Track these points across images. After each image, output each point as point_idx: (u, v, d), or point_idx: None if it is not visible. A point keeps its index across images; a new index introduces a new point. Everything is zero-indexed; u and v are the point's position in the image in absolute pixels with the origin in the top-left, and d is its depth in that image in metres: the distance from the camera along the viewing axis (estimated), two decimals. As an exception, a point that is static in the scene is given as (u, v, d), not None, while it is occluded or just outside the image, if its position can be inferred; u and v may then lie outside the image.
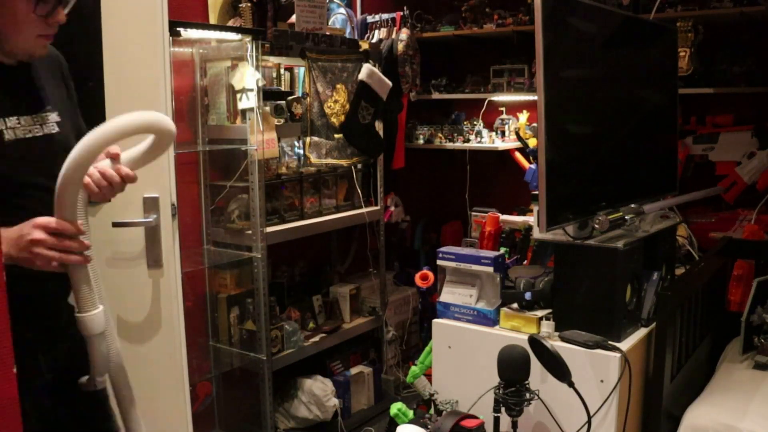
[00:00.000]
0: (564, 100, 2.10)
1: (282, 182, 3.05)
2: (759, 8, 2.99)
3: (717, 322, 2.81)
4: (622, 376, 1.99)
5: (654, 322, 2.20)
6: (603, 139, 2.38)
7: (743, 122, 3.36)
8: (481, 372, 2.17)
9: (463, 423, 2.04)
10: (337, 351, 3.37)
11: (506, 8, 3.78)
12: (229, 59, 2.84)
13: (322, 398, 3.11)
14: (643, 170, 2.65)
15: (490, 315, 2.26)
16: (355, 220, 3.41)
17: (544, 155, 1.99)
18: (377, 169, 3.51)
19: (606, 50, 2.39)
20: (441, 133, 4.00)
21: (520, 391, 1.94)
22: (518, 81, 3.80)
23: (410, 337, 3.90)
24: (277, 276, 3.26)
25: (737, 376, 2.46)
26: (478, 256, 2.27)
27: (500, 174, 4.15)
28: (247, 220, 2.87)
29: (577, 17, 2.19)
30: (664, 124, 2.84)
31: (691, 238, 3.01)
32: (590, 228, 2.18)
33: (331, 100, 3.17)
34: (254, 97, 2.71)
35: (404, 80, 3.71)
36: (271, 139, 2.82)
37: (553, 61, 2.01)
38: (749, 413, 2.14)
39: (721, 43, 3.34)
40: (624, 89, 2.51)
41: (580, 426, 1.98)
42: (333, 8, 3.54)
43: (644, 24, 2.76)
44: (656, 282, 2.28)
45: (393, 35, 3.71)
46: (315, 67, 3.07)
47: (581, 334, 2.06)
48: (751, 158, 3.29)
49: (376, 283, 3.61)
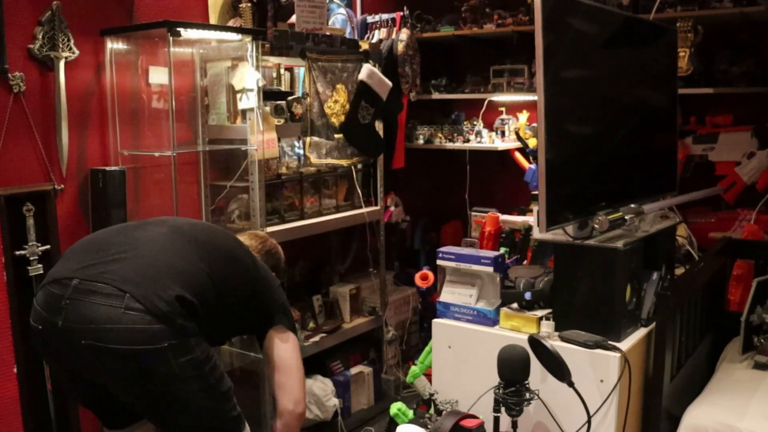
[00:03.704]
0: (564, 100, 2.10)
1: (282, 182, 3.05)
2: (759, 8, 2.99)
3: (717, 322, 2.82)
4: (622, 376, 1.99)
5: (654, 322, 2.20)
6: (603, 139, 2.38)
7: (743, 122, 3.36)
8: (481, 372, 2.17)
9: (463, 423, 2.04)
10: (337, 351, 3.37)
11: (506, 8, 3.78)
12: (230, 59, 2.84)
13: (322, 398, 3.11)
14: (642, 170, 2.65)
15: (490, 315, 2.26)
16: (355, 220, 3.41)
17: (544, 155, 2.00)
18: (377, 169, 3.51)
19: (606, 50, 2.39)
20: (441, 133, 4.00)
21: (520, 391, 1.94)
22: (518, 81, 3.80)
23: (410, 337, 3.90)
24: (277, 276, 3.26)
25: (737, 376, 2.46)
26: (478, 256, 2.28)
27: (500, 174, 4.15)
28: (247, 220, 2.87)
29: (577, 17, 2.19)
30: (664, 124, 2.84)
31: (691, 238, 3.01)
32: (590, 228, 2.18)
33: (331, 100, 3.17)
34: (254, 97, 2.71)
35: (404, 80, 3.71)
36: (271, 139, 2.82)
37: (553, 61, 2.01)
38: (749, 413, 2.14)
39: (721, 43, 3.34)
40: (624, 89, 2.51)
41: (580, 426, 1.98)
42: (333, 8, 3.54)
43: (644, 24, 2.76)
44: (656, 282, 2.28)
45: (393, 35, 3.71)
46: (315, 67, 3.07)
47: (581, 334, 2.07)
48: (750, 158, 3.29)
49: (376, 283, 3.61)
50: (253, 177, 2.79)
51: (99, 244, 1.88)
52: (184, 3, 2.87)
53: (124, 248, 1.83)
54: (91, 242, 1.93)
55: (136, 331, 1.67)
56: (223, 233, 2.09)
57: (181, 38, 2.55)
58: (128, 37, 2.64)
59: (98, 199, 2.50)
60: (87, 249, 1.88)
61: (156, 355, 1.68)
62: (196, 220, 2.28)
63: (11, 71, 2.30)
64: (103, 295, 1.70)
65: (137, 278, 1.74)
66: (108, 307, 1.68)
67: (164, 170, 2.69)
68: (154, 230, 1.93)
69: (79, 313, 1.70)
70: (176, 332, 1.71)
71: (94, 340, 1.67)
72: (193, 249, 1.89)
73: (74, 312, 1.70)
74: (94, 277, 1.74)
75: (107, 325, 1.66)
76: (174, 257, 1.84)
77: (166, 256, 1.83)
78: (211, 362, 1.80)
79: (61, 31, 2.43)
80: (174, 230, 1.94)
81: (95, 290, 1.71)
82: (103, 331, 1.66)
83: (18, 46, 2.34)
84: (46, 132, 2.44)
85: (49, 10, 2.40)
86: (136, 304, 1.69)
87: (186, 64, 2.87)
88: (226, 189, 2.92)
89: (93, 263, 1.78)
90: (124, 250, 1.83)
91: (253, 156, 2.77)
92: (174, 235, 1.92)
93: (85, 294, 1.71)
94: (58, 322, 1.71)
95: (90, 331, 1.67)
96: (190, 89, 2.88)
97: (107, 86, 2.61)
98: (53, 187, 2.45)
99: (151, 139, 2.73)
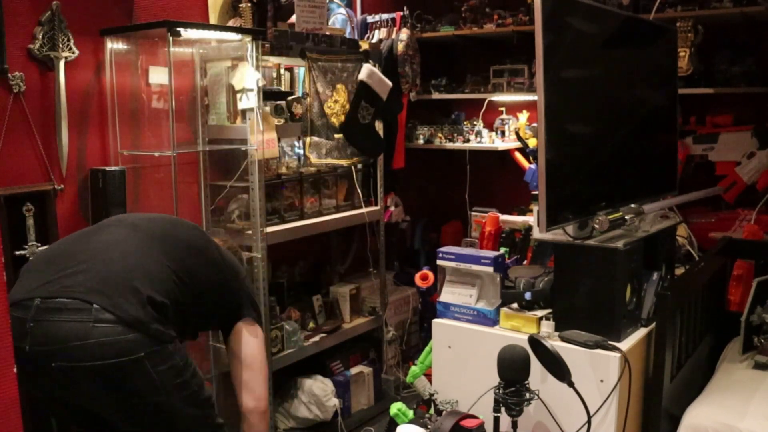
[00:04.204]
0: (564, 100, 2.10)
1: (282, 182, 3.05)
2: (759, 8, 2.99)
3: (717, 322, 2.82)
4: (622, 376, 1.99)
5: (654, 322, 2.20)
6: (603, 139, 2.38)
7: (743, 122, 3.36)
8: (481, 372, 2.17)
9: (463, 423, 2.04)
10: (337, 351, 3.37)
11: (506, 8, 3.78)
12: (229, 59, 2.84)
13: (322, 398, 3.11)
14: (643, 170, 2.65)
15: (490, 315, 2.26)
16: (355, 220, 3.41)
17: (544, 155, 2.00)
18: (377, 169, 3.51)
19: (606, 50, 2.39)
20: (441, 133, 4.00)
21: (520, 391, 1.94)
22: (518, 81, 3.80)
23: (410, 337, 3.90)
24: (277, 276, 3.26)
25: (737, 376, 2.46)
26: (478, 256, 2.27)
27: (500, 174, 4.15)
28: (247, 220, 2.87)
29: (577, 17, 2.19)
30: (664, 124, 2.84)
31: (691, 238, 3.01)
32: (590, 228, 2.18)
33: (331, 100, 3.17)
34: (254, 97, 2.71)
35: (404, 80, 3.71)
36: (271, 139, 2.82)
37: (553, 61, 2.01)
38: (749, 413, 2.14)
39: (721, 43, 3.34)
40: (624, 89, 2.51)
41: (580, 426, 1.98)
42: (333, 8, 3.54)
43: (644, 24, 2.76)
44: (656, 282, 2.28)
45: (393, 35, 3.71)
46: (315, 67, 3.07)
47: (581, 334, 2.07)
48: (750, 158, 3.29)
49: (376, 283, 3.61)
50: (253, 177, 2.79)
51: (56, 258, 1.78)
52: (184, 3, 2.87)
53: (83, 257, 1.74)
54: (48, 256, 1.83)
55: (108, 344, 1.58)
56: (184, 224, 2.00)
57: (181, 38, 2.55)
58: (128, 37, 2.64)
59: (98, 199, 2.50)
60: (45, 264, 1.78)
61: (133, 366, 1.59)
62: (155, 214, 2.15)
63: (11, 71, 2.30)
64: (69, 310, 1.61)
65: (101, 287, 1.65)
66: (75, 323, 1.59)
67: (164, 170, 2.69)
68: (113, 232, 1.84)
69: (46, 335, 1.60)
70: (152, 339, 1.63)
71: (65, 360, 1.58)
72: (154, 245, 1.81)
73: (40, 334, 1.61)
74: (56, 293, 1.64)
75: (76, 342, 1.58)
76: (136, 258, 1.75)
77: (127, 258, 1.74)
78: (191, 369, 1.73)
79: (61, 31, 2.43)
80: (132, 229, 1.86)
81: (59, 307, 1.62)
82: (73, 349, 1.57)
83: (18, 46, 2.34)
84: (46, 132, 2.44)
85: (49, 10, 2.40)
86: (105, 315, 1.60)
87: (186, 64, 2.87)
88: (226, 189, 2.92)
89: (53, 279, 1.69)
90: (84, 259, 1.73)
91: (253, 156, 2.77)
92: (133, 234, 1.83)
93: (49, 313, 1.62)
94: (26, 347, 1.60)
95: (59, 352, 1.58)
96: (190, 89, 2.89)
97: (107, 86, 2.61)
98: (53, 187, 2.45)
99: (151, 139, 2.73)
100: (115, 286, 1.66)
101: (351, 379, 3.36)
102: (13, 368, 0.86)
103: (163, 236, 1.87)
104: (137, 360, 1.60)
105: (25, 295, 1.68)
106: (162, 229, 1.90)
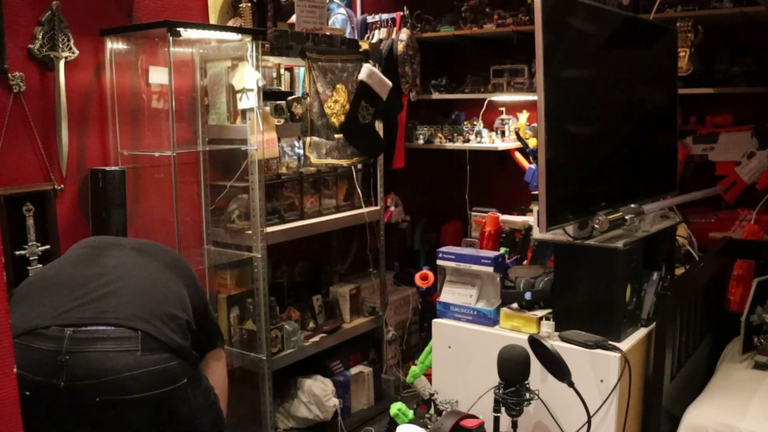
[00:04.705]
0: (564, 100, 2.10)
1: (282, 182, 3.05)
2: (759, 8, 2.99)
3: (717, 322, 2.82)
4: (622, 376, 1.99)
5: (654, 322, 2.20)
6: (603, 139, 2.38)
7: (743, 122, 3.36)
8: (481, 372, 2.17)
9: (463, 423, 2.04)
10: (337, 351, 3.37)
11: (506, 8, 3.78)
12: (229, 59, 2.84)
13: (322, 398, 3.11)
14: (643, 170, 2.65)
15: (490, 315, 2.26)
16: (355, 220, 3.41)
17: (544, 155, 2.00)
18: (377, 169, 3.51)
19: (606, 50, 2.39)
20: (441, 133, 4.00)
21: (520, 391, 1.94)
22: (518, 81, 3.80)
23: (410, 337, 3.90)
24: (277, 276, 3.26)
25: (737, 376, 2.46)
26: (478, 256, 2.28)
27: (500, 174, 4.15)
28: (247, 220, 2.87)
29: (577, 17, 2.19)
30: (664, 124, 2.84)
31: (691, 238, 3.01)
32: (590, 228, 2.18)
33: (331, 100, 3.17)
34: (254, 97, 2.71)
35: (404, 80, 3.71)
36: (271, 139, 2.82)
37: (553, 61, 2.01)
38: (749, 413, 2.14)
39: (721, 43, 3.34)
40: (624, 89, 2.51)
41: (580, 426, 1.98)
42: (333, 8, 3.54)
43: (644, 24, 2.76)
44: (656, 282, 2.28)
45: (393, 35, 3.71)
46: (315, 67, 3.07)
47: (581, 334, 2.07)
48: (750, 158, 3.29)
49: (376, 283, 3.61)
50: (253, 177, 2.79)
51: (67, 281, 1.66)
52: (184, 3, 2.87)
53: (105, 280, 1.64)
54: (54, 281, 1.68)
55: (157, 372, 1.50)
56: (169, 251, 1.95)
57: (181, 38, 2.55)
58: (128, 37, 2.64)
59: (98, 199, 2.50)
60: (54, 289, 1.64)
61: (179, 393, 1.54)
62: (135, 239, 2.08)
63: (11, 71, 2.30)
64: (113, 339, 1.51)
65: (141, 312, 1.57)
66: (121, 352, 1.49)
67: (164, 170, 2.69)
68: (120, 256, 1.76)
69: (87, 367, 1.48)
70: (191, 364, 1.59)
71: (113, 394, 1.48)
72: (167, 271, 1.76)
73: (79, 367, 1.48)
74: (90, 321, 1.54)
75: (125, 374, 1.47)
76: (161, 282, 1.70)
77: (154, 281, 1.69)
78: (212, 390, 1.71)
79: (60, 31, 2.43)
80: (138, 252, 1.79)
81: (99, 336, 1.51)
82: (123, 381, 1.47)
83: (18, 46, 2.34)
84: (46, 132, 2.44)
85: (48, 10, 2.40)
86: (152, 343, 1.52)
87: (186, 64, 2.87)
88: (226, 189, 2.92)
89: (78, 305, 1.57)
90: (107, 282, 1.63)
91: (253, 156, 2.77)
92: (143, 259, 1.76)
93: (88, 343, 1.50)
94: (60, 383, 1.47)
95: (105, 386, 1.47)
96: (190, 89, 2.89)
97: (107, 86, 2.61)
98: (53, 187, 2.45)
99: (151, 139, 2.73)
100: (152, 311, 1.59)
101: (351, 379, 3.36)
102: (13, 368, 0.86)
103: (169, 262, 1.84)
104: (182, 386, 1.56)
105: (43, 322, 1.54)
106: (162, 255, 1.87)
